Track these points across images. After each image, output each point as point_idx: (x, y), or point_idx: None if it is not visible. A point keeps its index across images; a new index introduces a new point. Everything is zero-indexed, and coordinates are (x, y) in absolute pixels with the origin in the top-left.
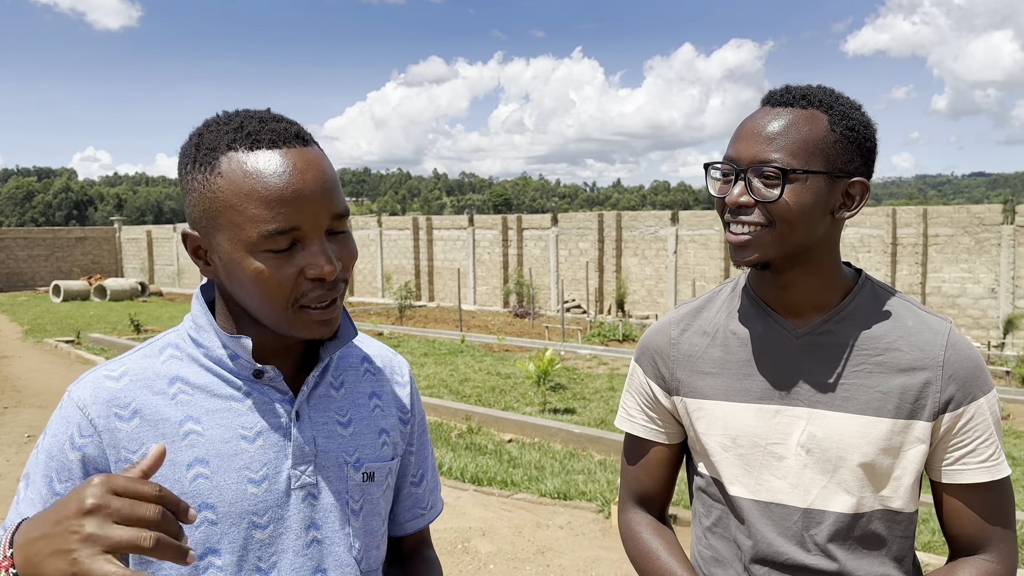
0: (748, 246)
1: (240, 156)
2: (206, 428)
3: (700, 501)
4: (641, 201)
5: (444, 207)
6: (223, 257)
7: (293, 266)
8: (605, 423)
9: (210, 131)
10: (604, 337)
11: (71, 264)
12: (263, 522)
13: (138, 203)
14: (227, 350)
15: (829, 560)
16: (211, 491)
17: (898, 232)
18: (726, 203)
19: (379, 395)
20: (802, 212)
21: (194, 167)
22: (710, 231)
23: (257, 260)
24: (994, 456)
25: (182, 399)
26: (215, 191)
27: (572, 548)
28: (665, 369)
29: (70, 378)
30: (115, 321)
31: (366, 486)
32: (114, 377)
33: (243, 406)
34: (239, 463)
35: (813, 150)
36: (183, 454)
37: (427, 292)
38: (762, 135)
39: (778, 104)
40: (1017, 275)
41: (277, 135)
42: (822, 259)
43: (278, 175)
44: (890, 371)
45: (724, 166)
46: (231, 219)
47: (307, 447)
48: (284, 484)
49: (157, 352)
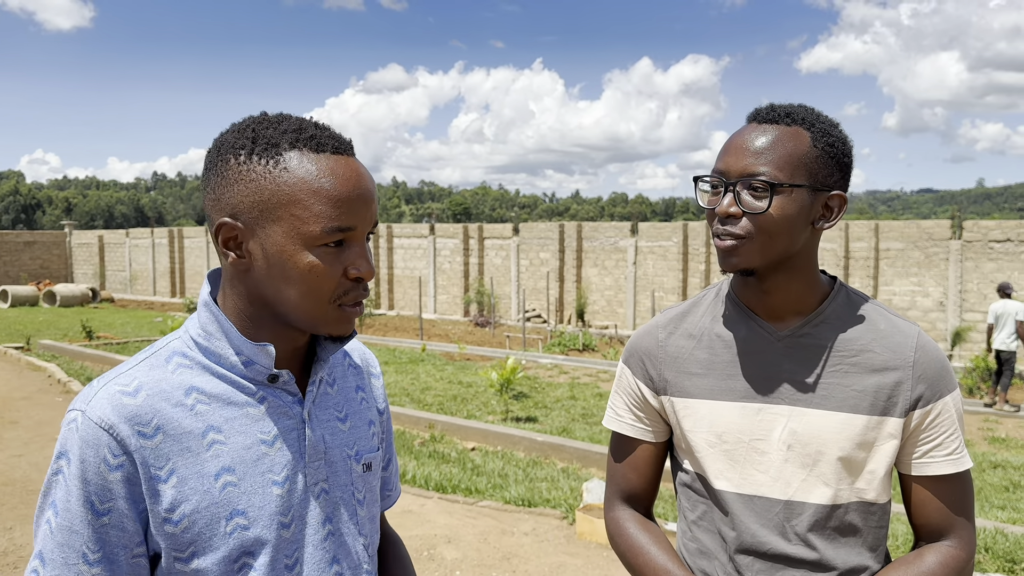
0: (735, 253)
1: (306, 154)
2: (228, 436)
3: (685, 496)
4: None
5: (403, 215)
6: (271, 250)
7: (339, 264)
8: (567, 431)
9: (266, 128)
10: (565, 346)
11: (19, 269)
12: (287, 521)
13: (88, 207)
14: (241, 356)
15: (809, 549)
16: (240, 497)
17: (851, 246)
18: (716, 213)
19: (363, 388)
20: (786, 222)
21: (250, 158)
22: (669, 243)
23: (312, 254)
24: (958, 450)
25: (200, 409)
26: (279, 184)
27: (537, 554)
28: (653, 370)
29: (19, 384)
30: (66, 327)
31: (366, 476)
32: (130, 393)
33: (259, 411)
34: (263, 467)
35: (797, 164)
36: (210, 464)
37: (387, 300)
38: (750, 150)
39: (764, 121)
40: (965, 289)
41: (338, 143)
42: (802, 266)
43: (345, 178)
44: (865, 371)
45: (713, 178)
46: (294, 212)
47: (319, 445)
48: (302, 483)
49: (164, 362)
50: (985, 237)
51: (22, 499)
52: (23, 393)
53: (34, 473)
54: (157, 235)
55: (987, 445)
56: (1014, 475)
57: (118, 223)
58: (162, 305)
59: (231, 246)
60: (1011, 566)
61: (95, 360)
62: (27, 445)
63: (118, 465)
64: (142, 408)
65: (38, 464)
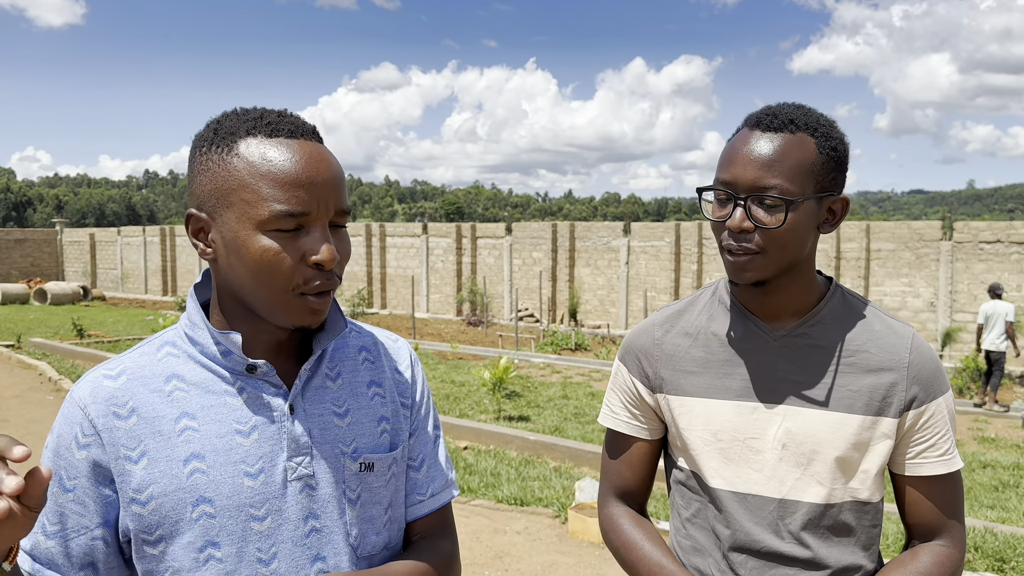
0: (749, 268)
1: (259, 140)
2: (201, 424)
3: (679, 494)
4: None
5: (396, 214)
6: (227, 236)
7: (296, 250)
8: (560, 431)
9: (229, 119)
10: (557, 346)
11: (9, 267)
12: (260, 514)
13: (79, 205)
14: (220, 346)
15: (802, 548)
16: (208, 485)
17: (842, 246)
18: (727, 227)
19: (379, 383)
20: (798, 234)
21: (210, 148)
22: (661, 243)
23: (264, 238)
24: (950, 450)
25: (178, 396)
26: (230, 170)
27: (530, 553)
28: (649, 368)
29: (10, 383)
30: (57, 325)
31: (364, 476)
32: (112, 376)
33: (237, 401)
34: (235, 457)
35: (807, 175)
36: (179, 450)
37: (379, 299)
38: (759, 161)
39: (768, 129)
40: (955, 289)
41: (295, 127)
42: (803, 269)
43: (295, 161)
44: (860, 371)
45: (721, 192)
46: (243, 196)
47: (302, 439)
48: (280, 476)
49: (155, 350)
50: (975, 238)
51: None
52: (14, 391)
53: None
54: (149, 233)
55: (977, 445)
56: (1003, 475)
57: (109, 221)
58: (154, 303)
59: (200, 237)
60: (1000, 565)
61: (86, 358)
62: None
63: (86, 444)
64: (120, 391)
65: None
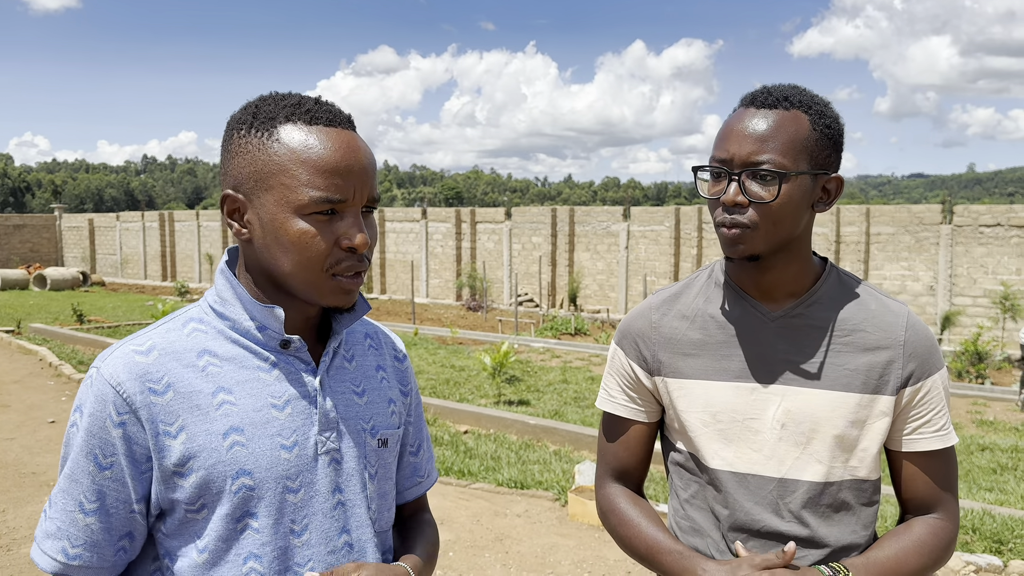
0: (742, 241)
1: (299, 127)
2: (238, 398)
3: (677, 475)
4: (592, 197)
5: (395, 199)
6: (265, 218)
7: (331, 233)
8: (559, 414)
9: (267, 103)
10: (557, 331)
11: (9, 252)
12: (295, 486)
13: (78, 190)
14: (255, 322)
15: (802, 526)
16: (248, 458)
17: (842, 230)
18: (721, 202)
19: (383, 368)
20: (791, 209)
21: (249, 132)
22: (660, 227)
23: (303, 222)
24: (946, 426)
25: (212, 371)
26: (271, 154)
27: (530, 535)
28: (647, 351)
29: (10, 368)
30: (56, 311)
31: (380, 451)
32: (143, 352)
33: (271, 376)
34: (272, 430)
35: (800, 150)
36: (218, 423)
37: (379, 284)
38: (752, 136)
39: (762, 106)
40: (955, 273)
41: (333, 115)
42: (799, 248)
43: (333, 149)
44: (857, 350)
45: (715, 167)
46: (283, 181)
47: (331, 414)
48: (312, 450)
49: (180, 326)
50: (975, 222)
51: (15, 482)
52: (14, 377)
53: (26, 456)
54: (148, 219)
55: (975, 428)
56: (1001, 457)
57: (108, 206)
58: (153, 289)
59: (235, 217)
60: (998, 547)
61: (86, 343)
62: (19, 428)
63: (121, 423)
64: (153, 366)
65: (30, 447)
